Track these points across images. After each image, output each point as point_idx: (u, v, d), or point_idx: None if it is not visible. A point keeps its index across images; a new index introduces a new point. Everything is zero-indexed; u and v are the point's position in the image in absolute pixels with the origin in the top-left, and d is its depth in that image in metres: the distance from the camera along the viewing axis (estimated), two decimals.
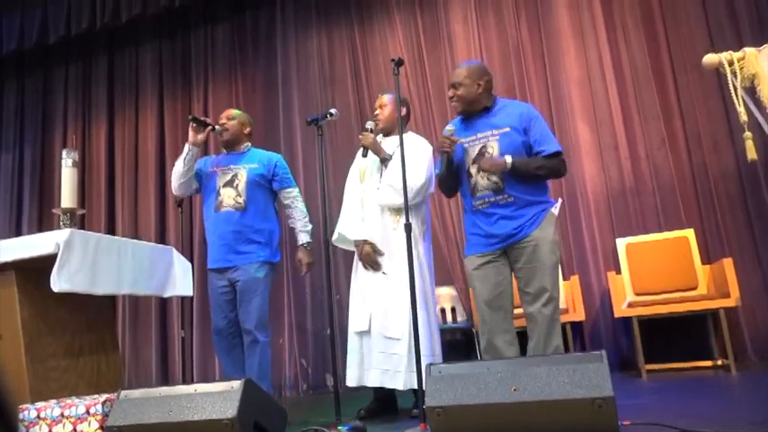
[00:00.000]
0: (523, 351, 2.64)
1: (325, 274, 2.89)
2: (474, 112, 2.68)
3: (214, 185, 3.18)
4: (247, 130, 3.32)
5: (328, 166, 4.69)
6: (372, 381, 2.89)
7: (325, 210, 2.97)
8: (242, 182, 3.13)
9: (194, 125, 3.12)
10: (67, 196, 2.84)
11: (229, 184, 3.15)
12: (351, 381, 2.98)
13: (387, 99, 3.17)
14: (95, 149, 5.59)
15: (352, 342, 3.02)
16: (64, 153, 2.89)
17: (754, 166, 3.73)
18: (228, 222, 3.09)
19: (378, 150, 3.02)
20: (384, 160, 3.03)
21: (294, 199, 3.26)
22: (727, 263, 3.45)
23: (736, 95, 2.21)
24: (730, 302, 3.36)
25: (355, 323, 3.02)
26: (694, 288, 3.70)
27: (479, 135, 2.64)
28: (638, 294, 3.80)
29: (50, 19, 5.45)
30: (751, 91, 2.23)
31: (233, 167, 3.19)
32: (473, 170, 2.63)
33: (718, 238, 3.90)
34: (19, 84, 5.98)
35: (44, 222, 5.57)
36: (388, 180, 2.98)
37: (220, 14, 5.44)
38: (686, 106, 4.09)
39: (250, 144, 3.33)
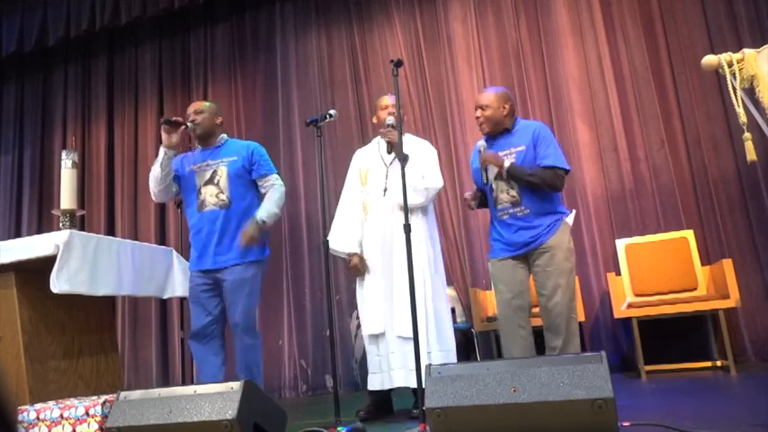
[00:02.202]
0: (539, 350, 2.87)
1: (324, 274, 2.89)
2: (497, 132, 2.90)
3: (194, 185, 3.03)
4: (219, 120, 3.13)
5: (328, 167, 4.70)
6: (398, 381, 2.87)
7: (325, 210, 2.97)
8: (223, 177, 2.98)
9: (167, 127, 2.94)
10: (67, 197, 2.84)
11: (210, 181, 3.00)
12: (373, 384, 2.96)
13: (390, 100, 3.14)
14: (95, 150, 5.59)
15: (369, 346, 3.01)
16: (63, 154, 2.89)
17: (753, 166, 3.74)
18: (213, 222, 2.95)
19: (400, 148, 2.92)
20: (405, 159, 2.90)
21: (271, 186, 3.05)
22: (727, 264, 3.45)
23: (736, 97, 2.21)
24: (730, 303, 3.36)
25: (370, 326, 2.99)
26: (694, 289, 3.70)
27: (500, 153, 2.84)
28: (637, 295, 3.80)
29: (50, 20, 5.45)
30: (750, 92, 2.23)
31: (211, 163, 3.04)
32: (495, 185, 2.86)
33: (717, 239, 3.90)
34: (18, 85, 5.98)
35: (44, 223, 5.57)
36: (408, 181, 2.90)
37: (220, 15, 5.44)
38: (685, 107, 4.09)
39: (225, 135, 3.16)
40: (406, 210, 2.58)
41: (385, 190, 3.05)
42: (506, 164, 2.76)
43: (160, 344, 4.98)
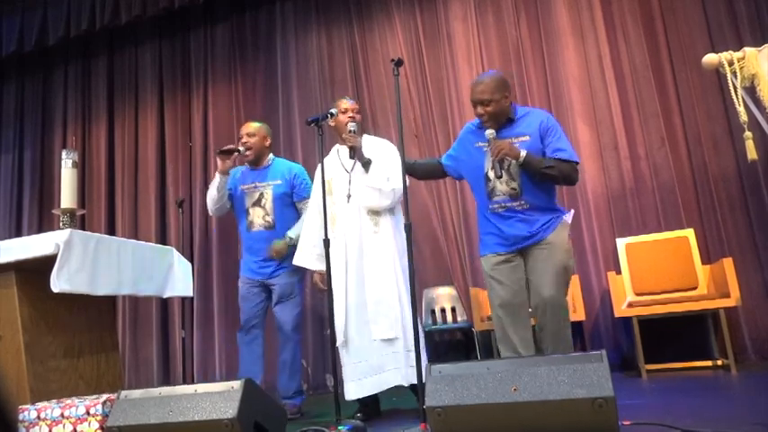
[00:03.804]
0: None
1: (325, 273, 2.88)
2: (499, 123, 2.71)
3: (243, 205, 3.45)
4: (268, 142, 3.52)
5: None
6: (371, 387, 2.86)
7: (325, 209, 2.96)
8: (268, 201, 3.39)
9: (221, 156, 3.32)
10: (67, 197, 2.83)
11: (257, 203, 3.41)
12: (353, 394, 2.94)
13: (349, 103, 3.16)
14: (95, 150, 5.59)
15: (345, 357, 2.97)
16: (64, 153, 2.89)
17: (754, 165, 3.73)
18: (260, 240, 3.37)
19: (362, 153, 3.00)
20: (366, 164, 2.99)
21: (306, 208, 3.40)
22: (727, 263, 3.45)
23: (736, 95, 2.21)
24: (730, 302, 3.35)
25: (342, 335, 2.97)
26: (694, 288, 3.70)
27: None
28: (638, 294, 3.80)
29: (50, 20, 5.45)
30: (751, 91, 2.23)
31: (258, 185, 3.43)
32: (491, 175, 2.69)
33: (717, 238, 3.89)
34: (19, 85, 5.98)
35: (44, 223, 5.57)
36: (372, 183, 2.97)
37: (220, 14, 5.44)
38: (686, 105, 4.09)
39: (272, 156, 3.55)
40: (406, 207, 2.55)
41: (348, 196, 3.04)
42: (522, 153, 2.56)
43: (161, 343, 4.98)
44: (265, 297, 3.44)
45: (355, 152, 2.96)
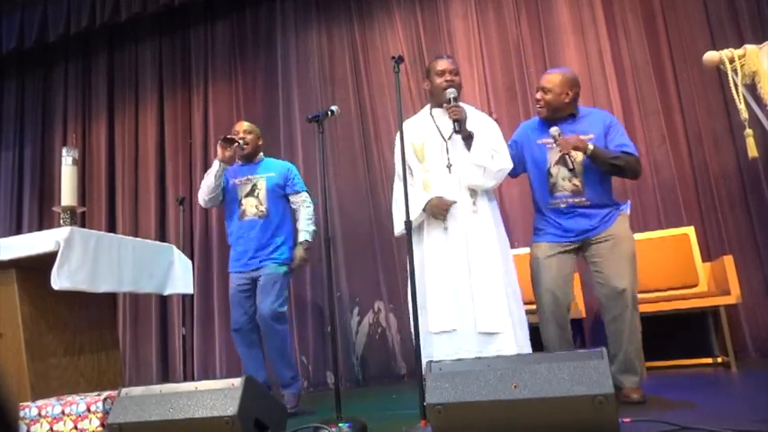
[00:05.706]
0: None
1: (325, 271, 2.88)
2: (557, 118, 2.81)
3: (236, 196, 3.49)
4: (261, 142, 3.63)
5: (328, 163, 4.69)
6: None
7: (326, 207, 2.96)
8: (262, 191, 3.44)
9: (224, 144, 3.38)
10: (68, 194, 2.83)
11: (250, 193, 3.46)
12: None
13: (447, 64, 2.82)
14: (95, 147, 5.59)
15: (439, 345, 2.64)
16: (64, 151, 2.89)
17: (754, 162, 3.73)
18: (252, 229, 3.40)
19: (466, 126, 2.70)
20: (468, 138, 2.71)
21: (302, 203, 3.52)
22: (728, 260, 3.45)
23: (737, 93, 2.21)
24: (731, 300, 3.36)
25: (438, 323, 2.64)
26: (695, 285, 3.70)
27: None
28: (638, 292, 3.78)
29: (50, 17, 5.44)
30: (752, 88, 2.23)
31: (251, 178, 3.48)
32: (554, 170, 2.77)
33: (718, 236, 3.89)
34: (19, 82, 5.97)
35: (44, 221, 5.57)
36: (476, 160, 2.69)
37: (220, 12, 5.43)
38: (686, 102, 4.09)
39: (262, 154, 3.63)
40: (407, 199, 2.53)
41: (449, 166, 2.74)
42: (590, 146, 2.63)
43: (160, 341, 4.99)
44: (254, 299, 3.38)
45: (460, 126, 2.67)
